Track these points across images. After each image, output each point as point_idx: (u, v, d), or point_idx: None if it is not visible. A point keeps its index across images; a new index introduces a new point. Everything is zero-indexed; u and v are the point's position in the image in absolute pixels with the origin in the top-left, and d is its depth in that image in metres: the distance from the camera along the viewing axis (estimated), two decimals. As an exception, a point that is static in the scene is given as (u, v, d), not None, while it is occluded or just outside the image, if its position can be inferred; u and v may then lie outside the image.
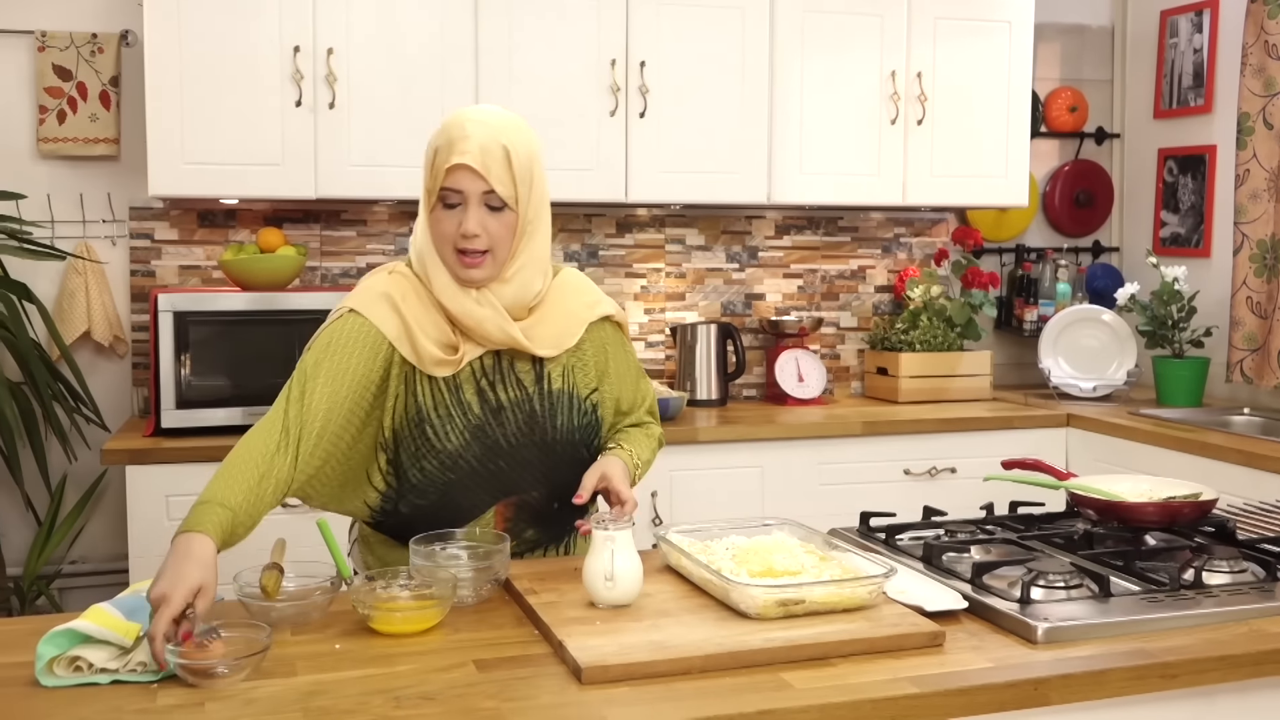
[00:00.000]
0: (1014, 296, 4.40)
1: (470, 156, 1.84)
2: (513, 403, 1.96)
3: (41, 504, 3.52)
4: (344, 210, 3.74)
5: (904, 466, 3.64)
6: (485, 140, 1.85)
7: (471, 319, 1.89)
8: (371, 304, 1.90)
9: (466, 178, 1.85)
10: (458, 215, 1.86)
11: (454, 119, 1.89)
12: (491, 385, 1.95)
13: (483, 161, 1.84)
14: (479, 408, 1.94)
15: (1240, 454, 3.19)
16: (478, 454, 1.95)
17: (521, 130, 1.91)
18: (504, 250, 1.89)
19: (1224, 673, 1.62)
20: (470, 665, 1.56)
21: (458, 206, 1.87)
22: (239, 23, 3.27)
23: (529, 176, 1.90)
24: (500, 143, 1.86)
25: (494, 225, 1.87)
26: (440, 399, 1.92)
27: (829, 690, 1.47)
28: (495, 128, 1.87)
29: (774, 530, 1.99)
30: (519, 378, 1.97)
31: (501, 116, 1.91)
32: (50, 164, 3.55)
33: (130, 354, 3.65)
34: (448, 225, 1.87)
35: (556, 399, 1.99)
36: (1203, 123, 4.21)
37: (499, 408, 1.95)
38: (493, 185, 1.85)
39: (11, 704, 1.43)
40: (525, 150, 1.89)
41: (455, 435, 1.93)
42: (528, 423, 1.97)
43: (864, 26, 3.79)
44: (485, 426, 1.94)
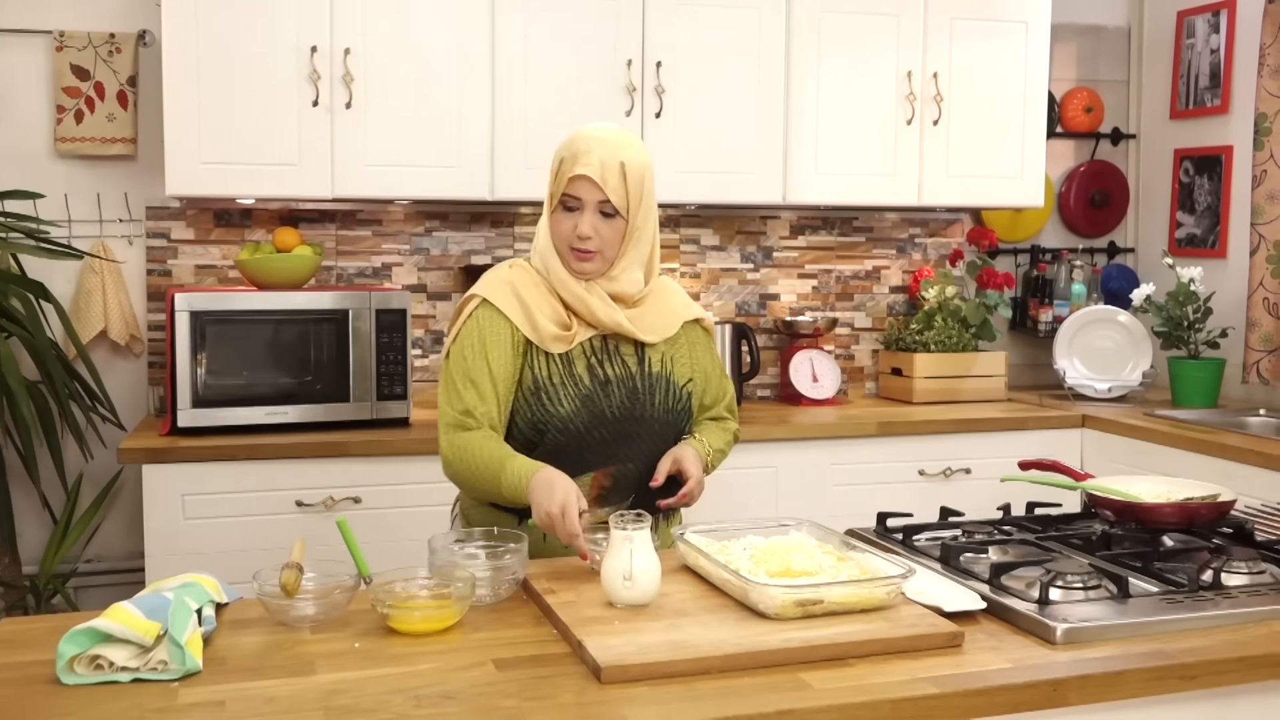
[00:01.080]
0: (1029, 297, 4.39)
1: (591, 169, 2.09)
2: (618, 378, 2.18)
3: (57, 503, 3.54)
4: (360, 210, 3.75)
5: (918, 467, 3.64)
6: (605, 155, 2.10)
7: (583, 304, 2.14)
8: (497, 291, 2.16)
9: (585, 187, 2.10)
10: (575, 218, 2.11)
11: (580, 134, 2.15)
12: (600, 362, 2.18)
13: (601, 174, 2.09)
14: (589, 380, 2.16)
15: (1257, 455, 3.18)
16: (585, 421, 2.14)
17: (637, 148, 2.16)
18: (612, 251, 2.14)
19: (1243, 674, 1.61)
20: (490, 664, 1.56)
21: (576, 210, 2.11)
22: (256, 23, 3.27)
23: (640, 190, 2.13)
24: (619, 159, 2.10)
25: (605, 229, 2.12)
26: (555, 370, 2.15)
27: (848, 690, 1.47)
28: (615, 145, 2.12)
29: (791, 530, 2.00)
30: (624, 358, 2.20)
31: (621, 135, 2.16)
32: (68, 163, 3.57)
33: (146, 353, 3.66)
34: (565, 226, 2.12)
35: (655, 380, 2.21)
36: (1219, 123, 4.19)
37: (606, 381, 2.17)
38: (608, 195, 2.09)
39: (34, 701, 1.44)
40: (639, 167, 2.13)
41: (567, 401, 2.14)
42: (630, 398, 2.18)
43: (880, 26, 3.79)
44: (593, 396, 2.15)
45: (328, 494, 3.15)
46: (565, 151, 2.13)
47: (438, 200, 3.57)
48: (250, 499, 3.11)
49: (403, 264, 3.81)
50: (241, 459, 3.11)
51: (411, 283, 3.80)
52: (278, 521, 3.13)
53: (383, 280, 3.79)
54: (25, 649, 1.61)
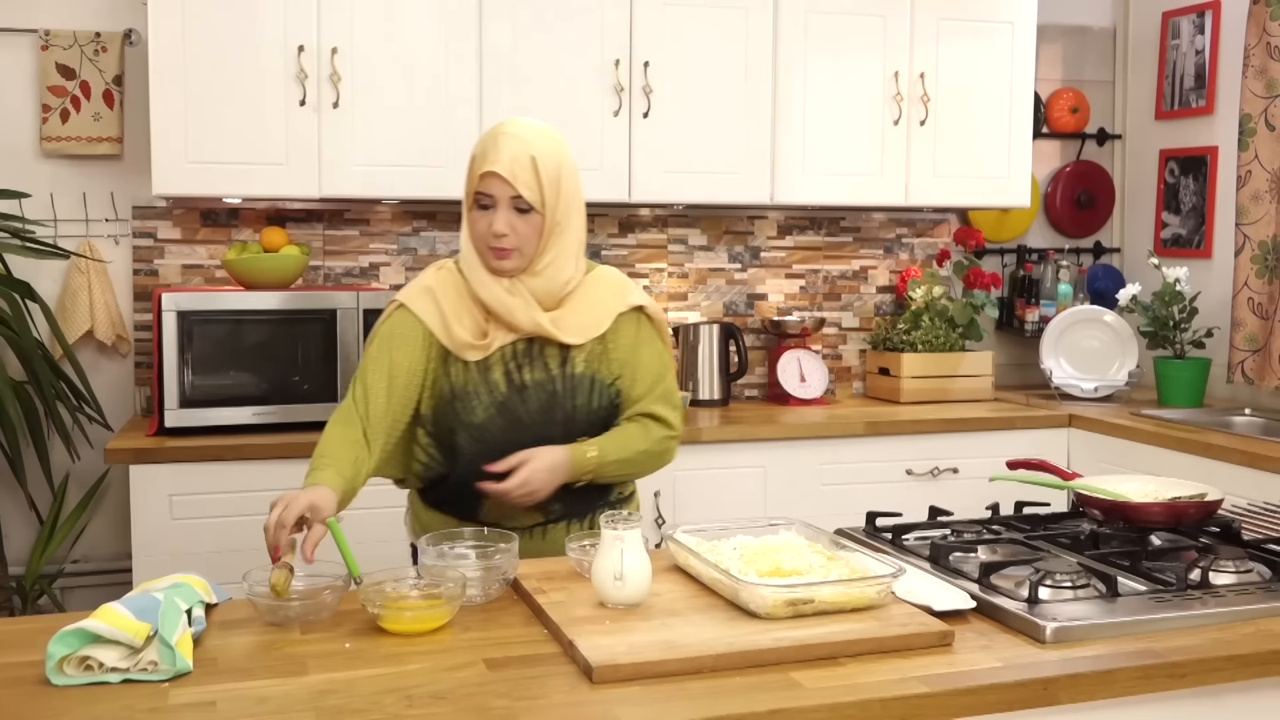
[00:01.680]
0: (1015, 297, 4.41)
1: (500, 165, 2.05)
2: (536, 383, 2.14)
3: (44, 503, 3.52)
4: (347, 210, 3.75)
5: (906, 467, 3.65)
6: (515, 150, 2.06)
7: (502, 306, 2.10)
8: (416, 297, 2.15)
9: (496, 184, 2.06)
10: (489, 216, 2.08)
11: (490, 132, 2.12)
12: (519, 367, 2.14)
13: (511, 170, 2.05)
14: (505, 386, 2.13)
15: (1242, 454, 3.20)
16: (502, 427, 2.13)
17: (551, 142, 2.12)
18: (530, 247, 2.10)
19: (1232, 672, 1.62)
20: (481, 664, 1.56)
21: (490, 208, 2.08)
22: (243, 22, 3.27)
23: (556, 183, 2.09)
24: (529, 153, 2.06)
25: (521, 226, 2.08)
26: (470, 378, 2.12)
27: (839, 690, 1.48)
28: (525, 140, 2.08)
29: (781, 530, 2.00)
30: (545, 361, 2.15)
31: (534, 130, 2.12)
32: (53, 163, 3.55)
33: (133, 353, 3.64)
34: (481, 225, 2.09)
35: (578, 381, 2.16)
36: (1204, 124, 4.22)
37: (522, 386, 2.14)
38: (519, 190, 2.06)
39: (24, 702, 1.44)
40: (553, 160, 2.09)
41: (481, 410, 2.12)
42: (549, 401, 2.14)
43: (867, 27, 3.79)
44: (509, 402, 2.13)
45: (315, 494, 3.14)
46: (477, 149, 2.11)
47: (425, 200, 3.57)
48: (237, 499, 3.10)
49: (390, 264, 3.80)
50: (229, 459, 3.10)
51: (399, 282, 3.79)
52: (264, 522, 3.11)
53: (370, 280, 3.79)
54: (13, 650, 1.61)
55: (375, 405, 2.08)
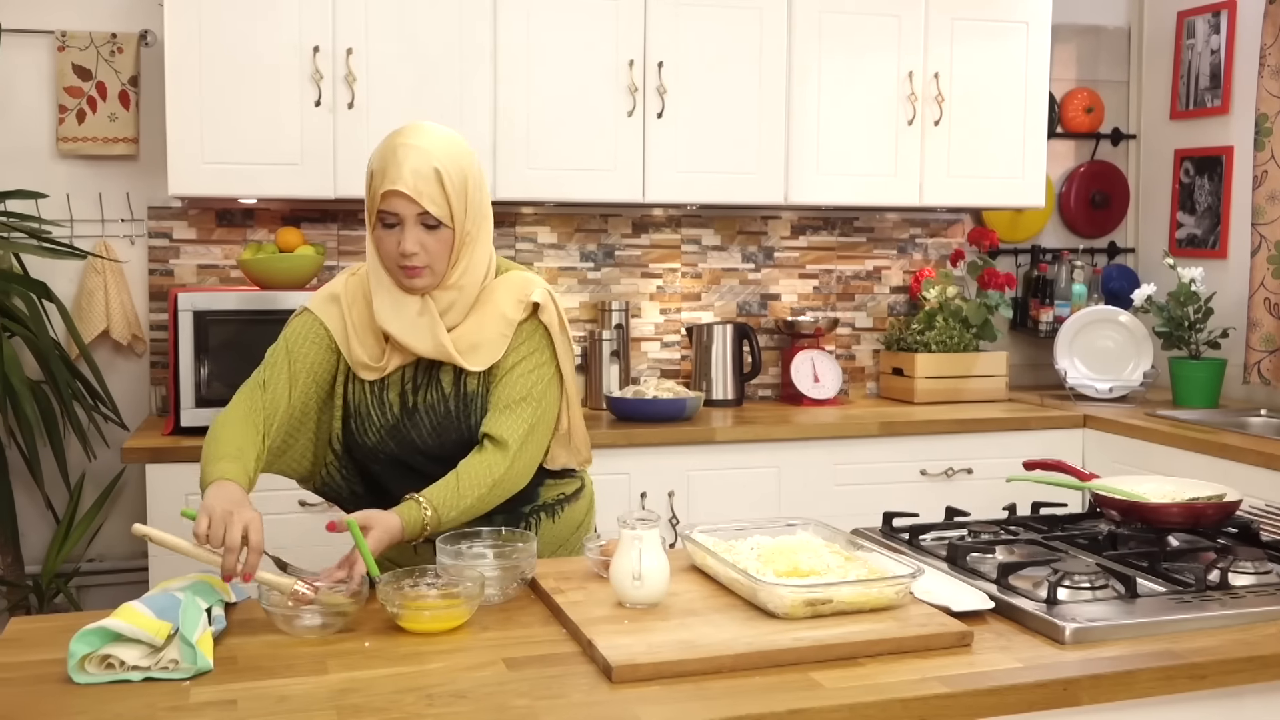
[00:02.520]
0: (1029, 297, 4.40)
1: (402, 182, 1.91)
2: (427, 405, 2.05)
3: (60, 502, 3.53)
4: (360, 210, 3.75)
5: (920, 467, 3.64)
6: (417, 164, 1.92)
7: (406, 337, 1.99)
8: (323, 304, 2.06)
9: (400, 202, 1.93)
10: (397, 234, 1.94)
11: (388, 143, 1.96)
12: (414, 389, 2.05)
13: (415, 186, 1.91)
14: (399, 408, 2.05)
15: (1259, 455, 3.19)
16: (394, 450, 2.06)
17: (454, 149, 1.97)
18: (442, 263, 1.98)
19: (1253, 673, 1.62)
20: (500, 664, 1.56)
21: (396, 226, 1.94)
22: (259, 23, 3.27)
23: (463, 193, 1.96)
24: (432, 165, 1.92)
25: (431, 242, 1.95)
26: (364, 399, 2.06)
27: (859, 690, 1.48)
28: (426, 151, 1.93)
29: (798, 530, 2.00)
30: (439, 381, 2.05)
31: (434, 138, 1.96)
32: (69, 163, 3.56)
33: (148, 353, 3.66)
34: (388, 244, 1.96)
35: (471, 399, 2.05)
36: (1219, 124, 4.20)
37: (414, 409, 2.05)
38: (425, 207, 1.92)
39: (46, 700, 1.44)
40: (458, 169, 1.95)
41: (373, 433, 2.06)
42: (441, 423, 2.05)
43: (881, 27, 3.79)
44: (400, 426, 2.05)
45: (331, 494, 3.15)
46: (375, 163, 1.95)
47: (440, 200, 3.57)
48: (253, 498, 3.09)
49: (404, 264, 3.80)
50: (244, 459, 3.11)
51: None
52: (281, 521, 3.11)
53: (385, 280, 3.79)
54: (35, 648, 1.61)
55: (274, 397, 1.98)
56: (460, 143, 2.01)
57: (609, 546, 1.87)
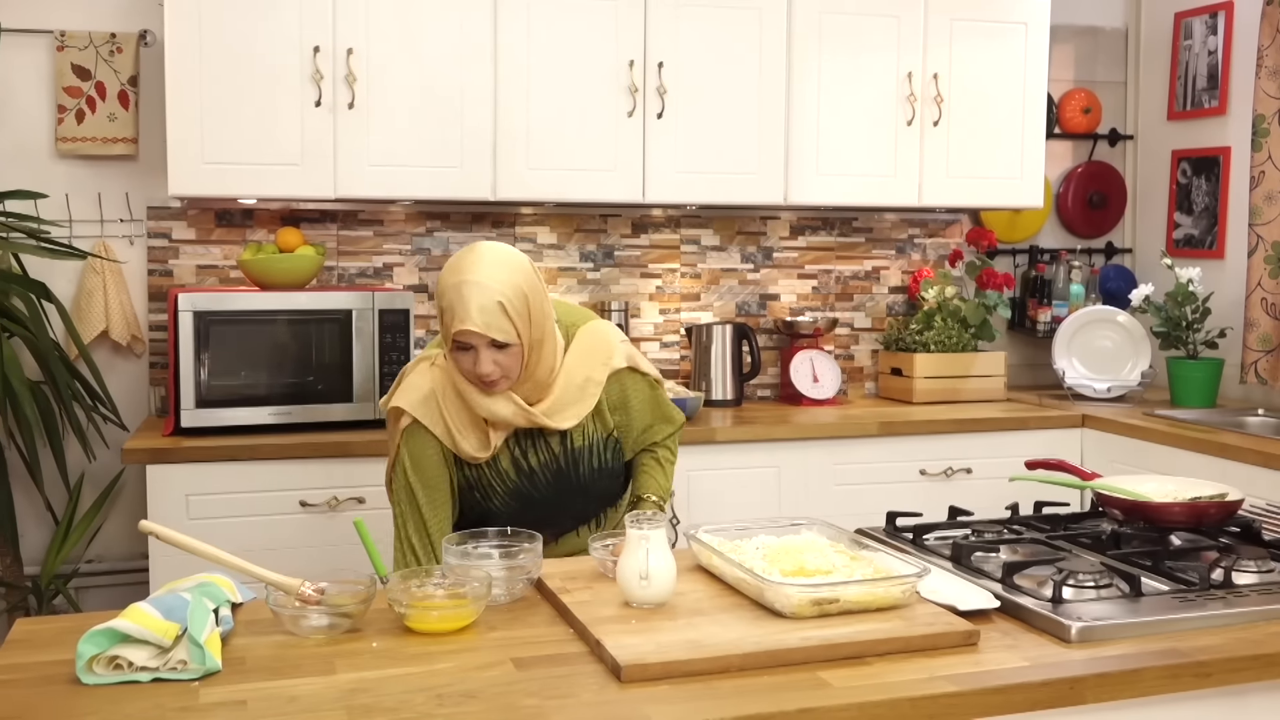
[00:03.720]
0: (1027, 297, 4.41)
1: (470, 321, 2.09)
2: (542, 465, 2.27)
3: (59, 503, 3.53)
4: (360, 210, 3.75)
5: (920, 467, 3.65)
6: (482, 301, 2.10)
7: (498, 418, 2.19)
8: (423, 409, 2.21)
9: (472, 335, 2.11)
10: (472, 356, 2.13)
11: (452, 281, 2.13)
12: (524, 453, 2.27)
13: (483, 322, 2.09)
14: (515, 474, 2.27)
15: (1257, 454, 3.20)
16: (516, 509, 2.27)
17: (513, 274, 2.14)
18: (516, 372, 2.17)
19: (1258, 672, 1.62)
20: (509, 663, 1.57)
21: (470, 349, 2.13)
22: (259, 23, 3.27)
23: (525, 313, 2.14)
24: (495, 300, 2.10)
25: (504, 359, 2.14)
26: (481, 474, 2.26)
27: (867, 689, 1.48)
28: (487, 286, 2.10)
29: (803, 530, 2.00)
30: (548, 442, 2.27)
31: (493, 268, 2.13)
32: (68, 163, 3.56)
33: (147, 353, 3.65)
34: (464, 364, 2.15)
35: (580, 453, 2.29)
36: (1217, 124, 4.21)
37: (530, 471, 2.27)
38: (493, 336, 2.10)
39: (56, 700, 1.44)
40: (519, 295, 2.13)
41: (496, 499, 2.27)
42: (557, 477, 2.28)
43: (881, 27, 3.80)
44: (520, 488, 2.27)
45: (331, 494, 3.15)
46: (444, 302, 2.15)
47: (440, 200, 3.57)
48: (254, 499, 3.11)
49: (404, 264, 3.81)
50: (245, 459, 3.11)
51: (413, 283, 3.80)
52: (282, 522, 3.13)
53: (384, 280, 3.79)
54: (42, 649, 1.61)
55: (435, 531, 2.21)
56: (516, 263, 2.17)
57: (616, 547, 1.87)
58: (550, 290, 3.91)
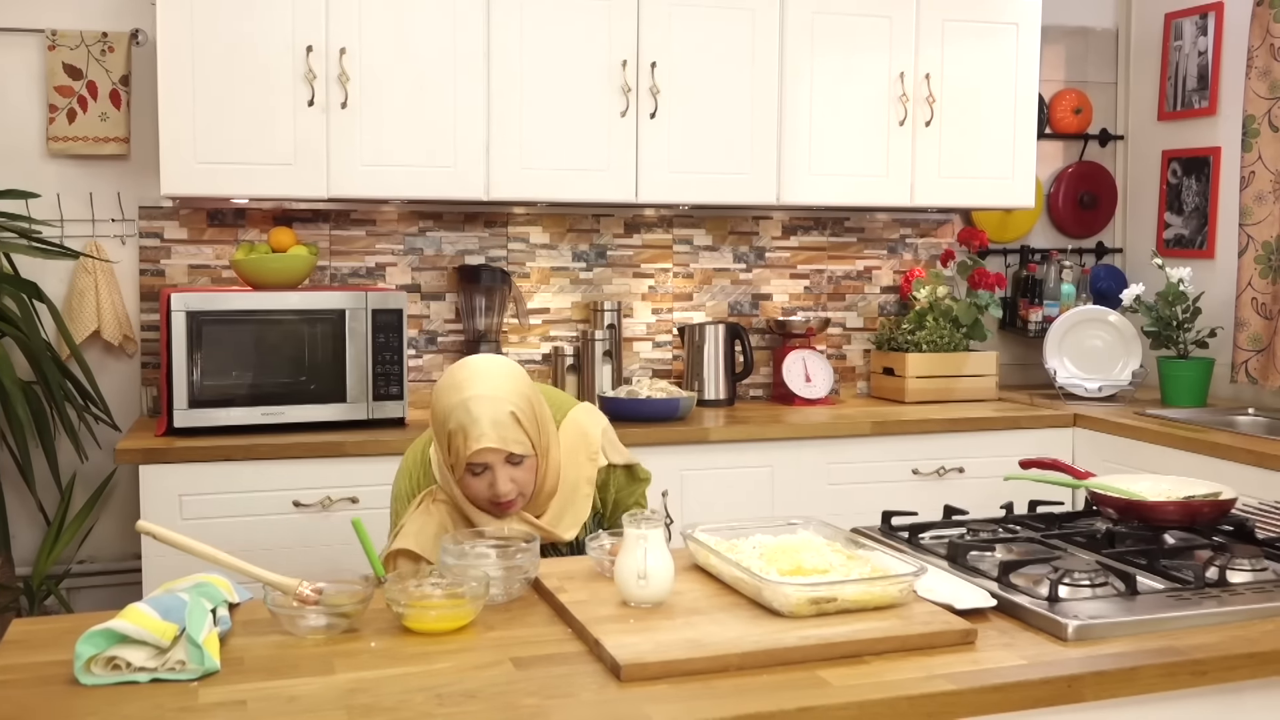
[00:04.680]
0: (1019, 297, 4.42)
1: (487, 439, 2.02)
2: None
3: (51, 504, 3.51)
4: (353, 210, 3.75)
5: (912, 466, 3.66)
6: (494, 414, 2.02)
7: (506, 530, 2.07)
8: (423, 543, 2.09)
9: (489, 454, 2.04)
10: (486, 478, 2.06)
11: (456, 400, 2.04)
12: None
13: (500, 436, 2.03)
14: None
15: (1248, 453, 3.21)
16: None
17: (514, 382, 2.08)
18: (530, 487, 2.11)
19: (1253, 669, 1.63)
20: (508, 663, 1.57)
21: (483, 473, 2.06)
22: (251, 22, 3.26)
23: (534, 420, 2.09)
24: (508, 411, 2.04)
25: (520, 475, 2.08)
26: None
27: (866, 688, 1.48)
28: (496, 398, 2.04)
29: (799, 529, 2.01)
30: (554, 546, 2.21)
31: (495, 378, 2.07)
32: (60, 163, 3.55)
33: (139, 353, 3.64)
34: (478, 488, 2.08)
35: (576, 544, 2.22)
36: (1207, 125, 4.23)
37: None
38: (511, 450, 2.04)
39: (54, 701, 1.44)
40: (526, 402, 2.08)
41: None
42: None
43: (873, 28, 3.80)
44: None
45: (325, 494, 3.15)
46: (451, 424, 2.05)
47: (433, 200, 3.57)
48: (247, 499, 3.10)
49: (396, 264, 3.80)
50: (238, 459, 3.10)
51: (405, 283, 3.80)
52: (275, 522, 3.12)
53: (376, 280, 3.79)
54: (39, 650, 1.61)
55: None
56: (514, 370, 2.12)
57: (614, 546, 1.87)
58: (544, 290, 3.93)
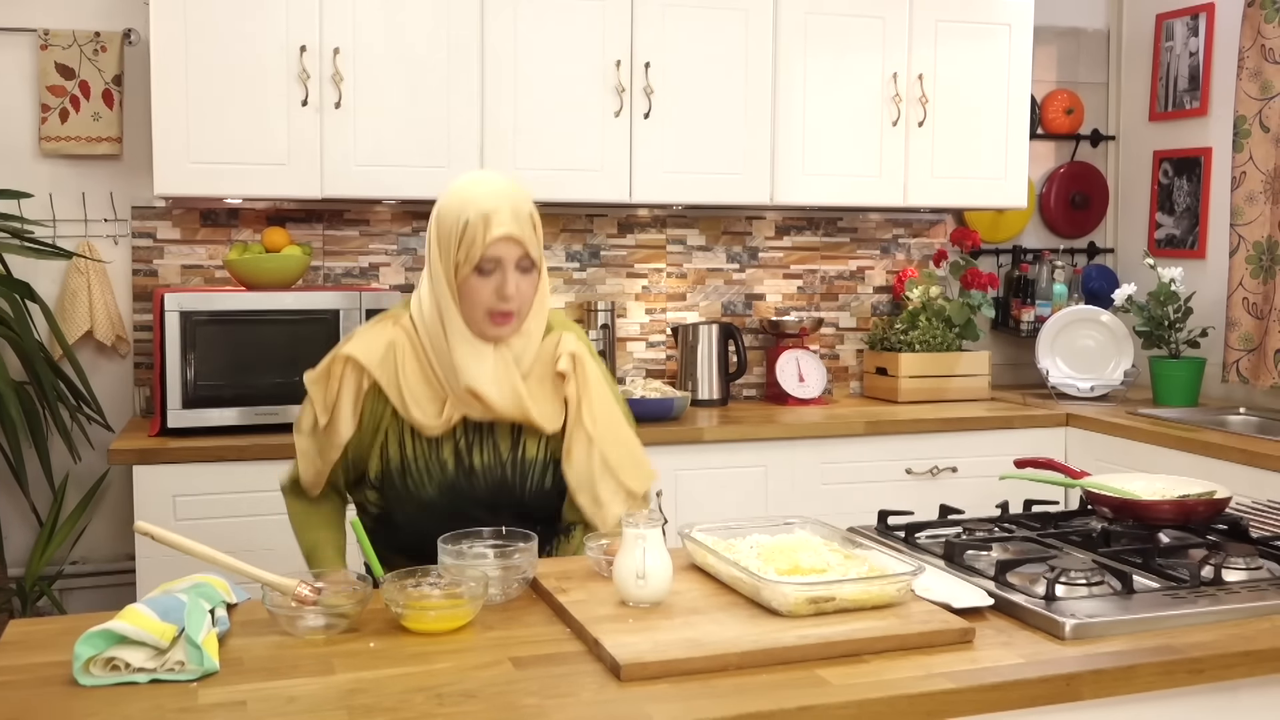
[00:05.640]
0: (1011, 297, 4.43)
1: (509, 227, 1.95)
2: (485, 466, 2.07)
3: (44, 504, 3.50)
4: (347, 210, 3.74)
5: (905, 466, 3.66)
6: (515, 206, 1.97)
7: (492, 397, 1.99)
8: (376, 361, 2.01)
9: (505, 246, 1.96)
10: (493, 281, 1.96)
11: (474, 192, 1.97)
12: (469, 447, 2.06)
13: (520, 229, 1.96)
14: (453, 467, 2.05)
15: (1240, 452, 3.23)
16: (448, 506, 2.05)
17: (525, 192, 2.03)
18: (528, 307, 2.01)
19: (1249, 667, 1.64)
20: (507, 663, 1.57)
21: (492, 273, 1.96)
22: (245, 22, 3.26)
23: (540, 239, 2.02)
24: (526, 208, 1.99)
25: (524, 286, 1.99)
26: (420, 452, 2.05)
27: (866, 686, 1.49)
28: (516, 196, 1.99)
29: (796, 528, 2.01)
30: (496, 442, 2.07)
31: (510, 183, 2.03)
32: (52, 163, 3.54)
33: (132, 354, 3.63)
34: (484, 291, 1.96)
35: (529, 466, 2.09)
36: (1198, 125, 4.25)
37: (470, 470, 2.06)
38: (527, 249, 1.98)
39: (54, 702, 1.43)
40: (536, 214, 2.02)
41: (431, 488, 2.05)
42: (499, 486, 2.08)
43: (866, 28, 3.81)
44: (457, 484, 2.06)
45: (319, 495, 3.14)
46: (467, 211, 1.95)
47: (426, 200, 3.55)
48: (242, 500, 3.10)
49: (390, 264, 3.80)
50: (232, 460, 3.10)
51: (399, 283, 3.80)
52: (270, 522, 3.08)
53: (370, 280, 3.78)
54: (37, 651, 1.60)
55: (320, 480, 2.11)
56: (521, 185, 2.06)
57: (612, 546, 1.87)
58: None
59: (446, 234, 1.98)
